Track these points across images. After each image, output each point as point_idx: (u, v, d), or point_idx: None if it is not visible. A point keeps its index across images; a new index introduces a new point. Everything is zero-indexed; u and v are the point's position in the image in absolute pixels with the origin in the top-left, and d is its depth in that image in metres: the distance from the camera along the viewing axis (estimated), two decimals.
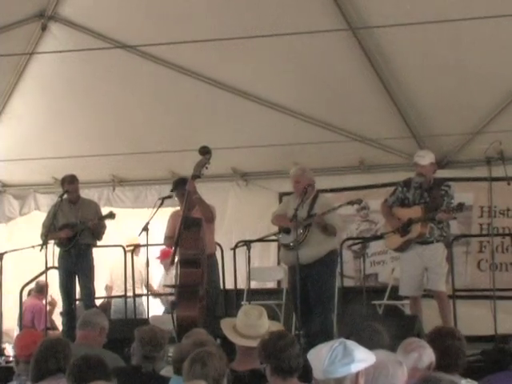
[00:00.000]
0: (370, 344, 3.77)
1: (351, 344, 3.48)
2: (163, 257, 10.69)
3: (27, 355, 5.32)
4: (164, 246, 9.46)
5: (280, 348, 4.29)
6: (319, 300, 7.97)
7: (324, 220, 7.94)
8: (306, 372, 4.31)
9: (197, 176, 8.07)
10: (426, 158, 7.97)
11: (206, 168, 8.07)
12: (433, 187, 7.94)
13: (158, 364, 5.38)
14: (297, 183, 8.18)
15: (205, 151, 8.08)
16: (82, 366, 4.24)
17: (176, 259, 7.95)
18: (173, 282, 10.30)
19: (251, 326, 5.13)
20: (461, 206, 7.70)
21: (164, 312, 10.55)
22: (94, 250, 9.16)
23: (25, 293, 10.25)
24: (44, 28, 8.95)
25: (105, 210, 9.45)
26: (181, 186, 8.37)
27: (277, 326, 5.43)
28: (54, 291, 9.61)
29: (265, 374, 4.43)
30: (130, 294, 9.88)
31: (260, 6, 8.22)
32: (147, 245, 8.61)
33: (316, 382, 3.47)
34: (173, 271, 10.69)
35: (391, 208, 8.13)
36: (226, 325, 5.27)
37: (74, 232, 8.91)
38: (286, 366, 4.25)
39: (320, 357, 3.45)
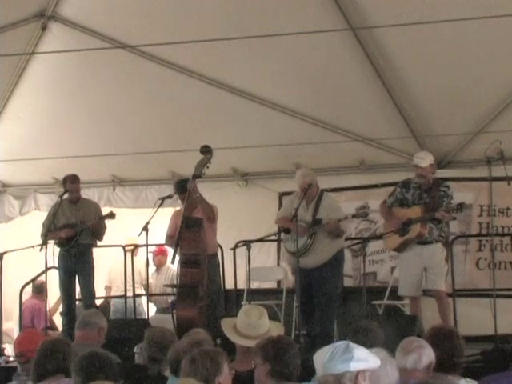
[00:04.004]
0: (365, 343, 3.78)
1: (354, 344, 3.49)
2: (158, 252, 10.72)
3: (27, 355, 5.33)
4: None
5: (291, 354, 4.27)
6: (323, 301, 7.96)
7: (340, 227, 7.94)
8: (304, 372, 4.32)
9: (198, 175, 8.07)
10: (425, 160, 7.97)
11: (207, 167, 8.07)
12: (432, 188, 7.94)
13: (164, 366, 5.36)
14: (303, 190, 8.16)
15: (206, 150, 8.09)
16: (93, 362, 4.24)
17: (176, 259, 7.96)
18: (165, 281, 10.43)
19: (251, 325, 5.12)
20: (461, 207, 7.70)
21: (156, 312, 10.56)
22: (94, 250, 9.16)
23: (25, 293, 10.25)
24: (44, 28, 8.95)
25: (105, 210, 9.45)
26: (182, 188, 8.37)
27: (277, 326, 5.43)
28: (54, 291, 9.60)
29: None
30: (129, 294, 9.88)
31: (260, 6, 8.21)
32: (147, 245, 8.61)
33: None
34: (165, 270, 10.82)
35: (390, 209, 8.13)
36: (226, 325, 5.27)
37: (74, 232, 8.91)
38: (287, 371, 4.23)
39: (322, 353, 3.47)
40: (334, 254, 8.04)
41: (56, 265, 8.98)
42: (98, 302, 9.97)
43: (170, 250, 8.78)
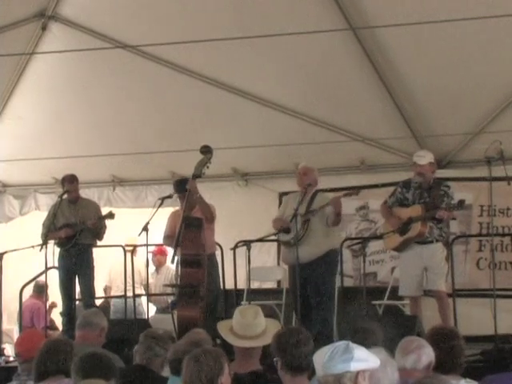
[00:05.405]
0: (364, 343, 3.78)
1: (354, 344, 3.49)
2: (157, 252, 10.72)
3: (27, 355, 5.33)
4: None
5: (292, 344, 4.27)
6: (319, 300, 7.96)
7: (340, 204, 7.90)
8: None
9: (198, 175, 8.07)
10: (425, 158, 7.97)
11: (207, 167, 8.07)
12: (432, 187, 7.94)
13: (160, 358, 5.34)
14: (304, 175, 8.19)
15: (206, 150, 8.09)
16: (93, 362, 4.24)
17: (176, 259, 7.95)
18: (164, 281, 10.42)
19: (248, 325, 5.07)
20: (461, 204, 7.69)
21: (156, 312, 10.56)
22: (94, 250, 9.16)
23: (25, 293, 10.25)
24: (44, 28, 8.94)
25: (105, 210, 9.45)
26: (182, 187, 8.37)
27: (274, 324, 5.40)
28: (54, 291, 9.60)
29: (265, 375, 4.41)
30: (129, 294, 9.87)
31: (260, 6, 8.21)
32: (147, 245, 8.61)
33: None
34: (164, 270, 10.82)
35: (391, 209, 8.13)
36: (222, 327, 5.21)
37: (74, 232, 8.91)
38: (295, 362, 4.23)
39: (322, 353, 3.47)
40: (328, 250, 8.04)
41: (56, 265, 8.98)
42: (98, 302, 9.98)
43: (170, 250, 8.78)
